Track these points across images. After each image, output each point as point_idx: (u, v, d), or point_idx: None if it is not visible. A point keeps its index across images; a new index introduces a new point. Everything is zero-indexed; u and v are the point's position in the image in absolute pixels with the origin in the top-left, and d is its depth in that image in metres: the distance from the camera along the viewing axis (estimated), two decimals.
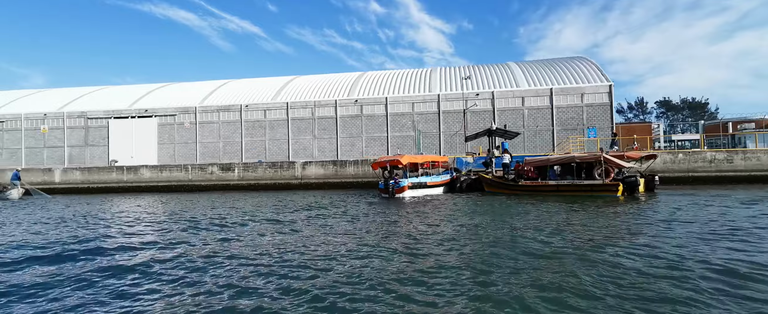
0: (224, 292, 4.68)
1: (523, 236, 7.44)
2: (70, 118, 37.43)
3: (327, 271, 5.34)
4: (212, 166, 25.82)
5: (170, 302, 4.46)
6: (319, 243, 7.20)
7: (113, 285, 5.19)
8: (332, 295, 4.47)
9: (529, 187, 15.85)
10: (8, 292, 4.89)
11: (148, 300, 4.57)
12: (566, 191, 14.85)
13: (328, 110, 35.10)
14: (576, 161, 14.96)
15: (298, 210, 12.58)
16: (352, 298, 4.36)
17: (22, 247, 7.70)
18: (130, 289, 4.97)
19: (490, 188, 17.35)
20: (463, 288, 4.59)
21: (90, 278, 5.41)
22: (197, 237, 8.17)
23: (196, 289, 4.80)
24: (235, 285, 4.90)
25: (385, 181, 16.73)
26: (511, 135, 20.91)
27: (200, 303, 4.38)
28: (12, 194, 22.66)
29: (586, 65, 33.68)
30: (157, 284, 5.08)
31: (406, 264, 5.65)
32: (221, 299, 4.52)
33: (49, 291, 4.88)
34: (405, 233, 8.06)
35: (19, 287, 5.02)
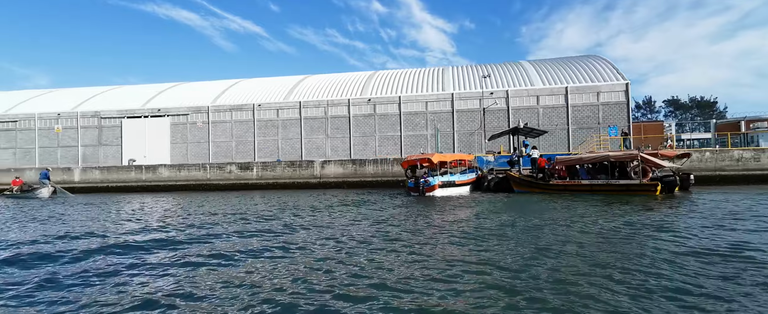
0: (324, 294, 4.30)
1: (592, 235, 7.01)
2: (83, 117, 37.19)
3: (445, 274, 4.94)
4: (230, 165, 25.48)
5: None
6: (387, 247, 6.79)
7: (216, 284, 4.78)
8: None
9: (560, 186, 15.39)
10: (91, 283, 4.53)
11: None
12: (601, 190, 14.40)
13: (341, 109, 34.69)
14: (610, 159, 14.51)
15: (340, 210, 12.00)
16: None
17: (88, 242, 7.37)
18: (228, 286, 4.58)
19: (518, 187, 16.89)
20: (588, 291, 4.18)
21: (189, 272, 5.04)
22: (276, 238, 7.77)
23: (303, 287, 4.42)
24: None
25: (416, 180, 16.33)
26: (537, 134, 20.47)
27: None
28: (42, 193, 22.42)
29: (600, 64, 33.14)
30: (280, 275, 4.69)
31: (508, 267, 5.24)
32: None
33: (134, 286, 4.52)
34: (472, 234, 7.64)
35: (93, 276, 4.67)
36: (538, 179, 16.47)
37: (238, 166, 25.33)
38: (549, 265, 5.23)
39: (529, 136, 20.86)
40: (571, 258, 5.63)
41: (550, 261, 5.43)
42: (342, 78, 39.14)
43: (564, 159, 15.89)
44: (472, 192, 17.81)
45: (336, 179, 23.86)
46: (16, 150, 37.41)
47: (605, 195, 13.62)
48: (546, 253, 5.87)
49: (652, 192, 13.53)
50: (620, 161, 14.43)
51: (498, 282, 4.55)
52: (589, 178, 15.21)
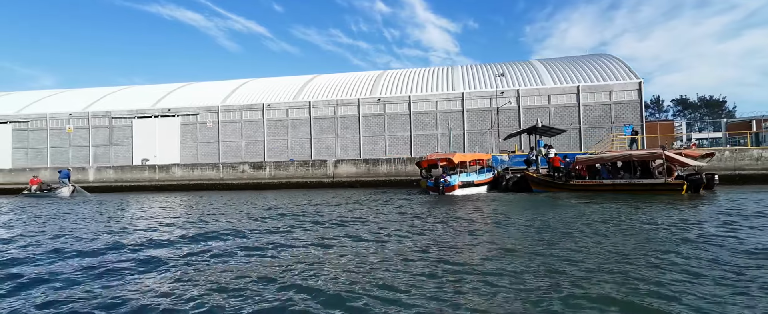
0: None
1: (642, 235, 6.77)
2: (94, 117, 37.25)
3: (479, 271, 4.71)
4: (243, 165, 25.37)
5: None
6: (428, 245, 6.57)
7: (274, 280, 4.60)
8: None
9: (581, 186, 15.11)
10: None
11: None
12: (624, 190, 14.10)
13: (351, 108, 34.53)
14: (633, 159, 14.20)
15: (368, 209, 11.72)
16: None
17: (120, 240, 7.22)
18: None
19: (537, 186, 16.62)
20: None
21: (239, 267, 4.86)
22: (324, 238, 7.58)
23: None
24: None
25: (436, 179, 16.12)
26: (554, 132, 20.18)
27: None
28: (63, 192, 22.33)
29: (612, 63, 32.76)
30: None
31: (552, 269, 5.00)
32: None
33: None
34: (509, 234, 7.41)
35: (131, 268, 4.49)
36: (557, 179, 16.20)
37: (251, 165, 25.20)
38: (606, 267, 5.00)
39: (547, 135, 20.58)
40: (632, 260, 5.40)
41: (608, 263, 5.20)
42: (350, 78, 38.97)
43: (585, 159, 15.59)
44: (489, 191, 17.57)
45: (349, 179, 23.67)
46: (28, 150, 37.53)
47: (629, 195, 13.32)
48: (595, 255, 5.63)
49: (677, 192, 13.22)
50: (643, 160, 14.12)
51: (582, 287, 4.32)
52: (609, 178, 14.93)
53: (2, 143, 37.40)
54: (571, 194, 14.64)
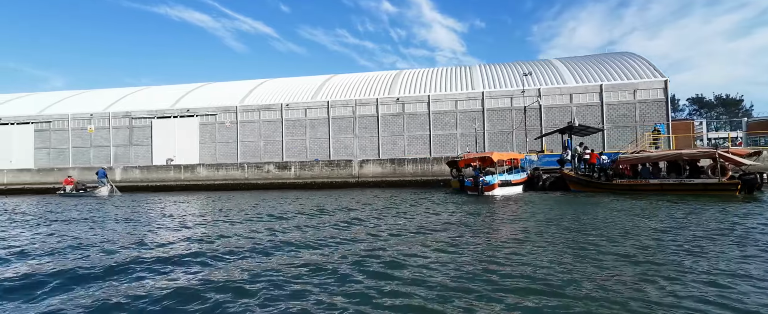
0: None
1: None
2: (115, 118, 37.34)
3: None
4: (268, 165, 25.17)
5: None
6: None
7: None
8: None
9: (625, 186, 14.61)
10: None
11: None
12: (672, 190, 13.59)
13: (369, 108, 34.22)
14: (684, 157, 13.68)
15: (417, 209, 11.29)
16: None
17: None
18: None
19: (575, 186, 16.15)
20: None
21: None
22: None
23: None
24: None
25: (474, 179, 15.73)
26: (591, 132, 19.68)
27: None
28: (101, 191, 22.20)
29: (635, 61, 32.08)
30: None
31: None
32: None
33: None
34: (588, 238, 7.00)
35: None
36: (597, 178, 15.71)
37: (276, 165, 24.99)
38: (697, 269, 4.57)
39: (582, 134, 20.07)
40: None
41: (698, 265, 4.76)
42: (367, 77, 38.68)
43: (629, 158, 15.09)
44: (524, 191, 17.15)
45: (374, 179, 23.35)
46: (50, 150, 37.73)
47: (678, 195, 12.81)
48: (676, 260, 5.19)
49: (731, 192, 12.69)
50: (693, 159, 13.59)
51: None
52: (652, 177, 14.42)
53: (25, 144, 37.64)
54: (615, 194, 14.14)
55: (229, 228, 8.70)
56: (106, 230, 8.91)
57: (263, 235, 7.74)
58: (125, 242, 7.43)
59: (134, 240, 7.51)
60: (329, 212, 11.28)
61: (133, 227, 9.45)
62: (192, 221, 10.03)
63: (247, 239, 7.36)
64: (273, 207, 13.31)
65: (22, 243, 7.60)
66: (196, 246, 6.82)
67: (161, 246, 6.98)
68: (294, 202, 15.16)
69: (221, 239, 7.37)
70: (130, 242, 7.41)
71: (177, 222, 10.02)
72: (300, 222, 9.45)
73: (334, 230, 8.05)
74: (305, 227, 8.69)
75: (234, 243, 7.05)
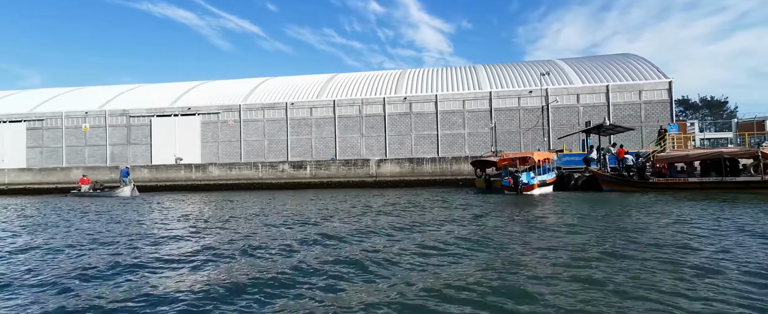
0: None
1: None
2: (112, 116, 35.94)
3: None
4: (283, 164, 24.46)
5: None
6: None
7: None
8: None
9: (662, 184, 14.57)
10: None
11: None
12: (713, 188, 13.60)
13: (376, 107, 33.76)
14: (725, 156, 13.71)
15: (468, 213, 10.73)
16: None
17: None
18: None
19: (608, 185, 16.05)
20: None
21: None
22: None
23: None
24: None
25: (514, 178, 15.45)
26: (620, 130, 19.64)
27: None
28: (124, 191, 21.22)
29: (639, 62, 32.47)
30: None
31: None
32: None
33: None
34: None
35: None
36: (630, 177, 15.65)
37: (291, 165, 24.31)
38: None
39: (611, 133, 20.05)
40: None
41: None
42: (372, 76, 38.22)
43: (666, 156, 15.07)
44: (555, 190, 17.00)
45: (392, 178, 22.91)
46: (43, 149, 36.08)
47: (719, 193, 12.80)
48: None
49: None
50: (733, 157, 13.63)
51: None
52: (683, 176, 14.42)
53: (17, 143, 35.89)
54: (652, 192, 14.04)
55: (322, 231, 8.01)
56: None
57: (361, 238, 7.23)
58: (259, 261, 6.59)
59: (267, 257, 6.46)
60: (386, 213, 10.62)
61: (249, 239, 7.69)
62: (287, 227, 8.92)
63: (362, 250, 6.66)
64: (332, 207, 12.58)
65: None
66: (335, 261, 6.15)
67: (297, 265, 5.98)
68: (340, 202, 14.48)
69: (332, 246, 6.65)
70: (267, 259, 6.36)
71: (271, 228, 8.93)
72: (375, 224, 8.94)
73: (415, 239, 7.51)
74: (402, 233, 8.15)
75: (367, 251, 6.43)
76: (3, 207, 15.89)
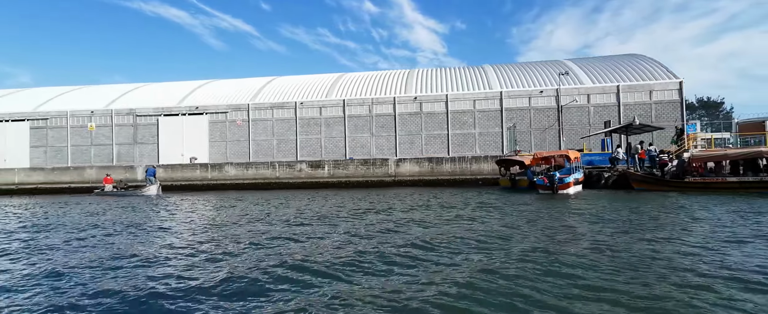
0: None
1: None
2: (118, 115, 35.17)
3: None
4: (301, 163, 23.99)
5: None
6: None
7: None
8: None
9: (700, 183, 14.38)
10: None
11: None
12: (753, 188, 13.42)
13: (386, 107, 33.40)
14: (764, 155, 13.57)
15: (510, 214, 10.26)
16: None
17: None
18: None
19: (640, 184, 15.84)
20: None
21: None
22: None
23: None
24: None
25: (550, 177, 15.17)
26: (649, 129, 19.45)
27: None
28: (150, 190, 20.74)
29: (648, 63, 32.44)
30: None
31: None
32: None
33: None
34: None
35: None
36: (662, 176, 15.45)
37: (309, 164, 23.84)
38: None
39: (639, 132, 19.86)
40: None
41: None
42: (380, 76, 37.85)
43: (703, 155, 14.89)
44: (584, 189, 16.77)
45: (411, 178, 22.54)
46: (47, 148, 35.20)
47: (759, 193, 12.63)
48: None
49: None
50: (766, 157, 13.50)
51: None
52: (714, 175, 14.25)
53: (20, 142, 34.97)
54: (689, 192, 13.82)
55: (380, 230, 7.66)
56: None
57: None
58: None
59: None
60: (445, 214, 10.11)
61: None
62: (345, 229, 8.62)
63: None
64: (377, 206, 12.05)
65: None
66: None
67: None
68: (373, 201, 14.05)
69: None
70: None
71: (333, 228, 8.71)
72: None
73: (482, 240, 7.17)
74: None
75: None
76: (41, 205, 15.26)
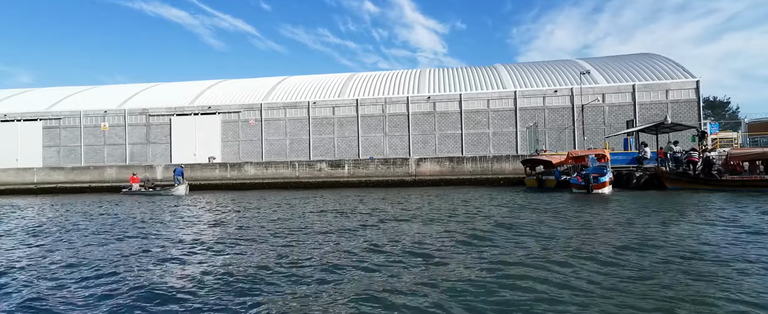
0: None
1: None
2: (131, 115, 34.89)
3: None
4: (321, 162, 23.65)
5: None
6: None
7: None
8: None
9: (738, 182, 14.01)
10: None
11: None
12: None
13: (400, 106, 33.07)
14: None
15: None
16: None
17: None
18: None
19: (673, 183, 15.49)
20: None
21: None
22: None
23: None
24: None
25: (584, 176, 14.83)
26: (680, 128, 19.07)
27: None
28: (179, 190, 20.67)
29: (663, 62, 32.05)
30: None
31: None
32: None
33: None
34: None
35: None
36: (696, 175, 15.10)
37: (329, 163, 23.50)
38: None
39: (671, 131, 19.45)
40: None
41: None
42: (392, 75, 37.51)
43: (741, 153, 14.57)
44: (614, 188, 16.41)
45: (432, 177, 22.19)
46: (60, 148, 34.92)
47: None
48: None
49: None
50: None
51: None
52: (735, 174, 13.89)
53: (33, 142, 34.69)
54: (727, 191, 13.45)
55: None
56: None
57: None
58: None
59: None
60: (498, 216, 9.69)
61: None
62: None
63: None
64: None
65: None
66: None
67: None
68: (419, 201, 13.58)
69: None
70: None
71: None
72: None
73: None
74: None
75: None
76: (88, 204, 15.01)
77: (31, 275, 5.54)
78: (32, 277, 5.42)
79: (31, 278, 5.38)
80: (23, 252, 7.21)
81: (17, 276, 5.50)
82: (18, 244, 7.98)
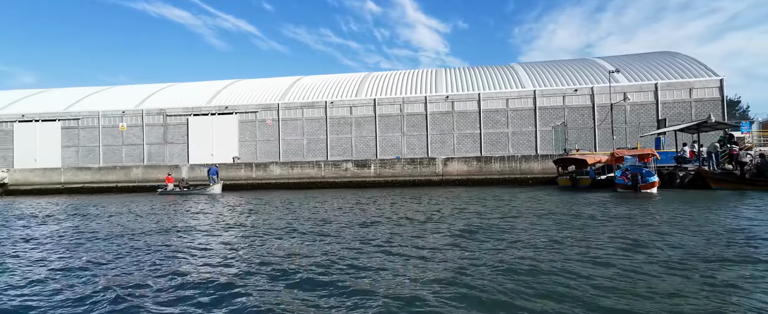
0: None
1: None
2: (148, 115, 34.56)
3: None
4: (347, 162, 23.21)
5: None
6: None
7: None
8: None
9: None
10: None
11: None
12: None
13: (417, 106, 32.56)
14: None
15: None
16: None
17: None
18: None
19: (718, 184, 14.96)
20: None
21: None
22: None
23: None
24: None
25: (633, 176, 14.32)
26: (722, 126, 18.50)
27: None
28: (215, 189, 20.70)
29: (685, 61, 31.35)
30: None
31: None
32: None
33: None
34: None
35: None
36: (742, 175, 14.53)
37: (355, 163, 23.06)
38: None
39: (714, 130, 18.89)
40: None
41: None
42: (408, 74, 37.02)
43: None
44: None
45: (459, 177, 21.69)
46: (79, 148, 34.65)
47: None
48: None
49: None
50: None
51: None
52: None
53: (51, 142, 34.44)
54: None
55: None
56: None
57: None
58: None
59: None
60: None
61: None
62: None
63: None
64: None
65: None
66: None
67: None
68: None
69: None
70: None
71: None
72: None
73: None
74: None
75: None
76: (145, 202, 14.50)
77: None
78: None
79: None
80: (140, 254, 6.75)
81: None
82: (118, 247, 7.41)
